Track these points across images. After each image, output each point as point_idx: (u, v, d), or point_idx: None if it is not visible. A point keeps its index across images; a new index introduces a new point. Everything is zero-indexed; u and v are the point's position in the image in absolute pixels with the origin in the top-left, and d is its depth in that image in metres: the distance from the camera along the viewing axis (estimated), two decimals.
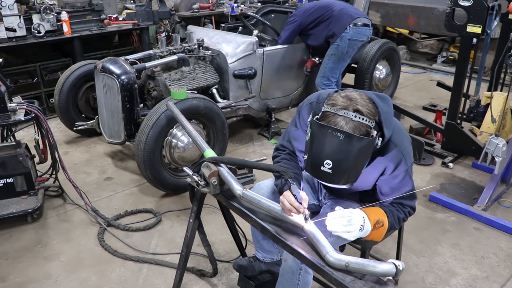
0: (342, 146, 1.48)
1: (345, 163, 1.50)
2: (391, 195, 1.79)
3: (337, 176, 1.53)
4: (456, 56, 6.31)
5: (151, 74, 3.65)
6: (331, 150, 1.49)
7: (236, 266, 2.25)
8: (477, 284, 2.48)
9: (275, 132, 4.32)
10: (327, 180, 1.56)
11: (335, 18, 3.89)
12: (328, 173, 1.52)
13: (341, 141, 1.48)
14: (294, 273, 1.79)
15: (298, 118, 1.91)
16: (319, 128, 1.53)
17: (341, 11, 3.90)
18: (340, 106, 1.54)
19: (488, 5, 3.20)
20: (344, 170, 1.52)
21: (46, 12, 4.65)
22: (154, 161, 3.08)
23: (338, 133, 1.49)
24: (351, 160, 1.50)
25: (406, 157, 1.72)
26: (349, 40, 3.87)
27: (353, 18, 3.86)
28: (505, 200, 3.27)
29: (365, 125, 1.52)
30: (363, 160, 1.55)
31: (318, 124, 1.54)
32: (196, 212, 2.14)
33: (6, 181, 2.94)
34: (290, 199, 1.63)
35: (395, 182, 1.75)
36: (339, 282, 1.43)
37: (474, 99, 4.12)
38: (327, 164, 1.50)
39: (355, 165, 1.53)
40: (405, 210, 1.81)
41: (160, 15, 5.58)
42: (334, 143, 1.49)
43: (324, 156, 1.50)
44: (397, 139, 1.71)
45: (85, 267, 2.61)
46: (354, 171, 1.55)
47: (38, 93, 4.77)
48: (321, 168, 1.52)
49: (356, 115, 1.51)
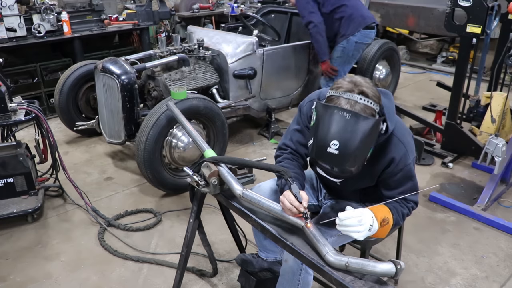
0: (349, 126, 1.47)
1: (351, 143, 1.48)
2: (395, 190, 1.79)
3: (343, 158, 1.50)
4: (456, 56, 6.31)
5: (151, 74, 3.65)
6: (338, 130, 1.48)
7: (239, 260, 2.24)
8: (476, 284, 2.49)
9: (275, 132, 4.32)
10: (333, 163, 1.53)
11: (347, 16, 3.82)
12: (335, 155, 1.49)
13: (348, 121, 1.47)
14: (294, 273, 1.79)
15: (300, 116, 1.91)
16: (325, 109, 1.52)
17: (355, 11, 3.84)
18: (345, 89, 1.54)
19: (487, 5, 3.20)
20: (351, 152, 1.49)
21: (46, 12, 4.66)
22: (154, 161, 3.08)
23: (345, 112, 1.48)
24: (357, 141, 1.48)
25: (409, 151, 1.74)
26: (355, 43, 3.86)
27: (366, 23, 3.83)
28: (505, 200, 3.27)
29: (371, 107, 1.52)
30: (369, 143, 1.53)
31: (323, 106, 1.53)
32: (196, 212, 2.14)
33: (7, 181, 2.94)
34: (290, 198, 1.62)
35: (399, 176, 1.75)
36: (339, 282, 1.44)
37: (473, 99, 4.12)
38: (334, 144, 1.48)
39: (361, 147, 1.50)
40: (409, 205, 1.81)
41: (160, 15, 5.58)
42: (340, 123, 1.47)
43: (331, 136, 1.48)
44: (400, 134, 1.72)
45: (85, 267, 2.61)
46: (360, 154, 1.52)
47: (39, 93, 4.77)
48: (328, 150, 1.49)
49: (361, 97, 1.52)
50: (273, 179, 2.03)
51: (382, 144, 1.67)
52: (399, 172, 1.74)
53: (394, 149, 1.71)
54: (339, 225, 1.58)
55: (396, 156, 1.71)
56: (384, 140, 1.67)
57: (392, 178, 1.77)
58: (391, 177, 1.77)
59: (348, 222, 1.56)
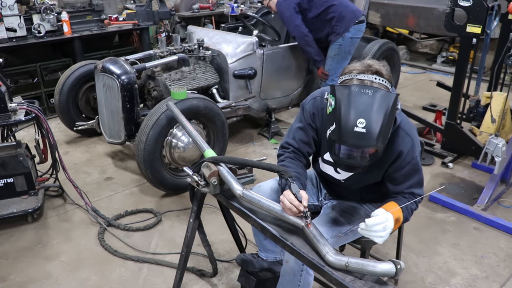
0: (373, 103, 1.47)
1: (378, 119, 1.47)
2: (402, 184, 1.78)
3: (371, 136, 1.47)
4: (455, 56, 6.31)
5: (151, 74, 3.65)
6: (363, 108, 1.47)
7: (239, 260, 2.24)
8: (476, 283, 2.49)
9: (275, 132, 4.32)
10: (362, 142, 1.49)
11: (338, 15, 3.84)
12: (363, 133, 1.47)
13: (371, 97, 1.47)
14: (295, 274, 1.79)
15: (303, 114, 1.90)
16: (345, 90, 1.51)
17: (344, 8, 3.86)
18: (358, 70, 1.55)
19: (487, 5, 3.20)
20: (377, 128, 1.47)
21: (46, 12, 4.66)
22: (154, 161, 3.08)
23: (366, 89, 1.48)
24: (382, 116, 1.47)
25: (416, 144, 1.75)
26: (351, 39, 3.88)
27: (357, 17, 3.86)
28: (505, 200, 3.27)
29: (386, 87, 1.53)
30: (391, 119, 1.53)
31: (342, 87, 1.52)
32: (196, 212, 2.14)
33: (7, 181, 2.94)
34: (290, 197, 1.62)
35: (407, 169, 1.75)
36: (339, 282, 1.44)
37: (473, 99, 4.12)
38: (360, 123, 1.46)
39: (387, 123, 1.50)
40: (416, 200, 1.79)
41: (160, 15, 5.58)
42: (364, 101, 1.47)
43: (357, 115, 1.47)
44: (407, 127, 1.74)
45: (85, 267, 2.61)
46: (385, 131, 1.51)
47: (39, 93, 4.77)
48: (355, 129, 1.46)
49: (376, 77, 1.53)
50: (273, 179, 2.03)
51: (389, 138, 1.67)
52: (406, 165, 1.74)
53: (401, 142, 1.72)
54: (364, 230, 1.57)
55: (403, 149, 1.72)
56: (391, 134, 1.67)
57: (400, 172, 1.76)
58: (398, 171, 1.76)
59: (374, 228, 1.55)
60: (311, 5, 3.88)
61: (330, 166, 1.91)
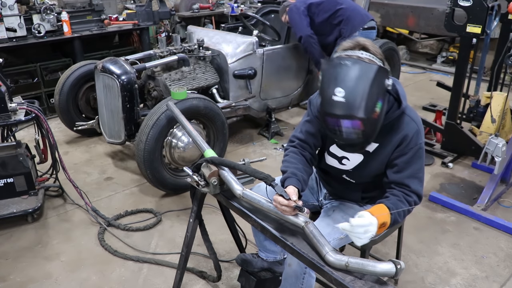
0: (351, 72, 1.50)
1: (356, 88, 1.49)
2: (403, 172, 1.76)
3: (349, 105, 1.49)
4: (456, 56, 6.31)
5: (151, 74, 3.65)
6: (341, 78, 1.51)
7: (239, 260, 2.24)
8: (476, 284, 2.49)
9: (275, 132, 4.32)
10: (341, 111, 1.51)
11: (346, 18, 3.87)
12: (341, 102, 1.49)
13: (349, 67, 1.51)
14: (298, 277, 1.79)
15: (310, 108, 1.94)
16: (328, 64, 1.58)
17: (353, 11, 3.90)
18: (347, 47, 1.60)
19: (487, 5, 3.20)
20: (357, 98, 1.48)
21: (46, 12, 4.66)
22: (154, 161, 3.08)
23: (346, 61, 1.53)
24: (361, 85, 1.49)
25: (421, 130, 1.76)
26: None
27: (365, 22, 3.88)
28: (505, 200, 3.27)
29: (373, 61, 1.56)
30: (375, 91, 1.52)
31: (327, 62, 1.59)
32: (196, 212, 2.14)
33: (7, 181, 2.94)
34: (279, 199, 1.62)
35: (409, 155, 1.74)
36: (339, 282, 1.43)
37: (473, 99, 4.12)
38: (339, 92, 1.49)
39: (368, 93, 1.50)
40: (410, 199, 1.75)
41: (160, 15, 5.58)
42: (342, 71, 1.51)
43: (335, 84, 1.51)
44: (412, 114, 1.77)
45: (85, 267, 2.61)
46: (368, 101, 1.50)
47: (39, 93, 4.77)
48: (333, 98, 1.50)
49: (363, 52, 1.57)
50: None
51: (394, 123, 1.70)
52: (409, 151, 1.74)
53: (406, 127, 1.73)
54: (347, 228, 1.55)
55: (408, 133, 1.73)
56: (397, 119, 1.70)
57: (402, 158, 1.75)
58: (401, 156, 1.75)
59: (356, 230, 1.54)
60: (319, 9, 3.93)
61: (335, 159, 1.92)
